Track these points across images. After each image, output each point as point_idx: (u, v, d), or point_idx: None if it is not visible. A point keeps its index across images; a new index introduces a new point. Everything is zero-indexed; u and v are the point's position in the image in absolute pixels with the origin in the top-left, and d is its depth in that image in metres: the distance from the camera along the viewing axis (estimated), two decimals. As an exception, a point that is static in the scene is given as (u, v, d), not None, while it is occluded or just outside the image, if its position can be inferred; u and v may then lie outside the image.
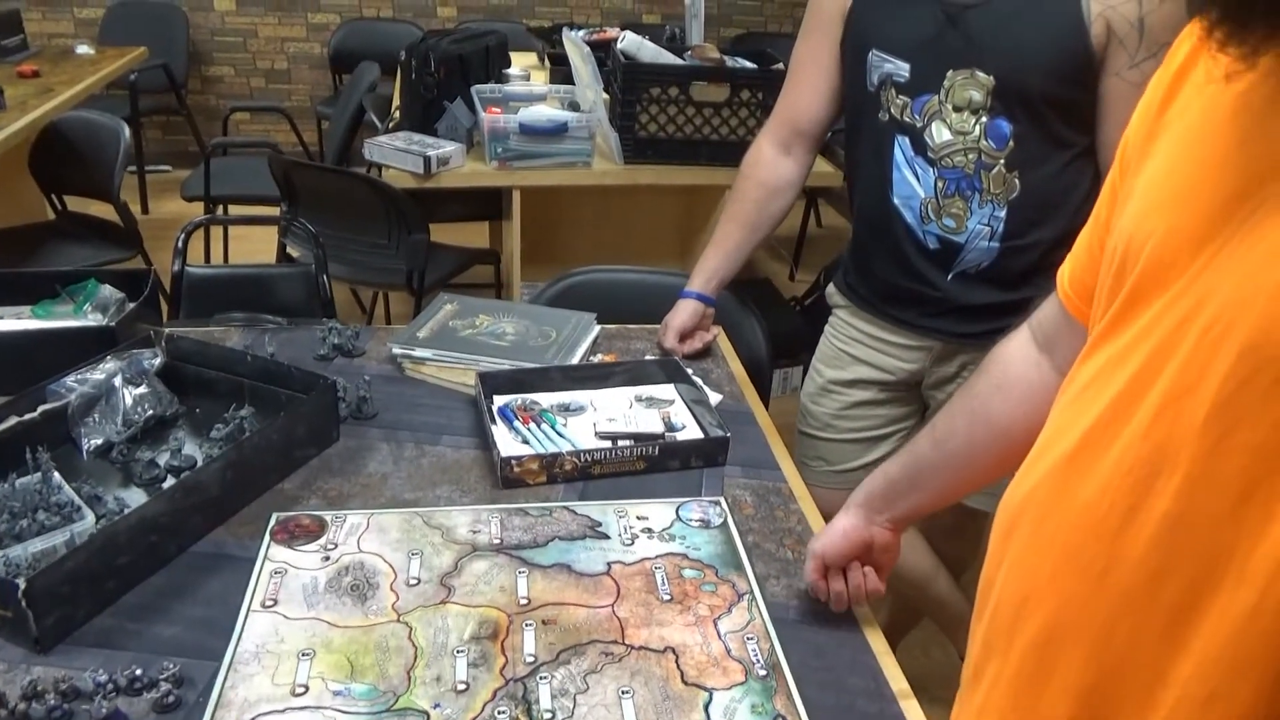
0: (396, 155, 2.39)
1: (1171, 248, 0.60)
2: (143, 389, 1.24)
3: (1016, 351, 0.90)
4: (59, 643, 0.90)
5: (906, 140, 1.33)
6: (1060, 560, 0.65)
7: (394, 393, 1.38)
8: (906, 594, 1.74)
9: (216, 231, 3.53)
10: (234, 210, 3.23)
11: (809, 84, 1.47)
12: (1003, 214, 1.31)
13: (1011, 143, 1.27)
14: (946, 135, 1.30)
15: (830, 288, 1.59)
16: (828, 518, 1.18)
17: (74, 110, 2.97)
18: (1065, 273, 0.82)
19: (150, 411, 1.23)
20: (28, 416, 1.15)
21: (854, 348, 1.53)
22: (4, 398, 1.16)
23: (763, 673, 0.92)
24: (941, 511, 1.11)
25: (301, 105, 4.77)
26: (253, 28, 4.72)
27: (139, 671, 0.86)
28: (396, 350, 1.43)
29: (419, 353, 1.43)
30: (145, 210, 4.21)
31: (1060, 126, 1.25)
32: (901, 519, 1.01)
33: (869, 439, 1.55)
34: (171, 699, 0.84)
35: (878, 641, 0.99)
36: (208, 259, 3.37)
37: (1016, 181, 1.29)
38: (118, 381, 1.22)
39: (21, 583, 0.85)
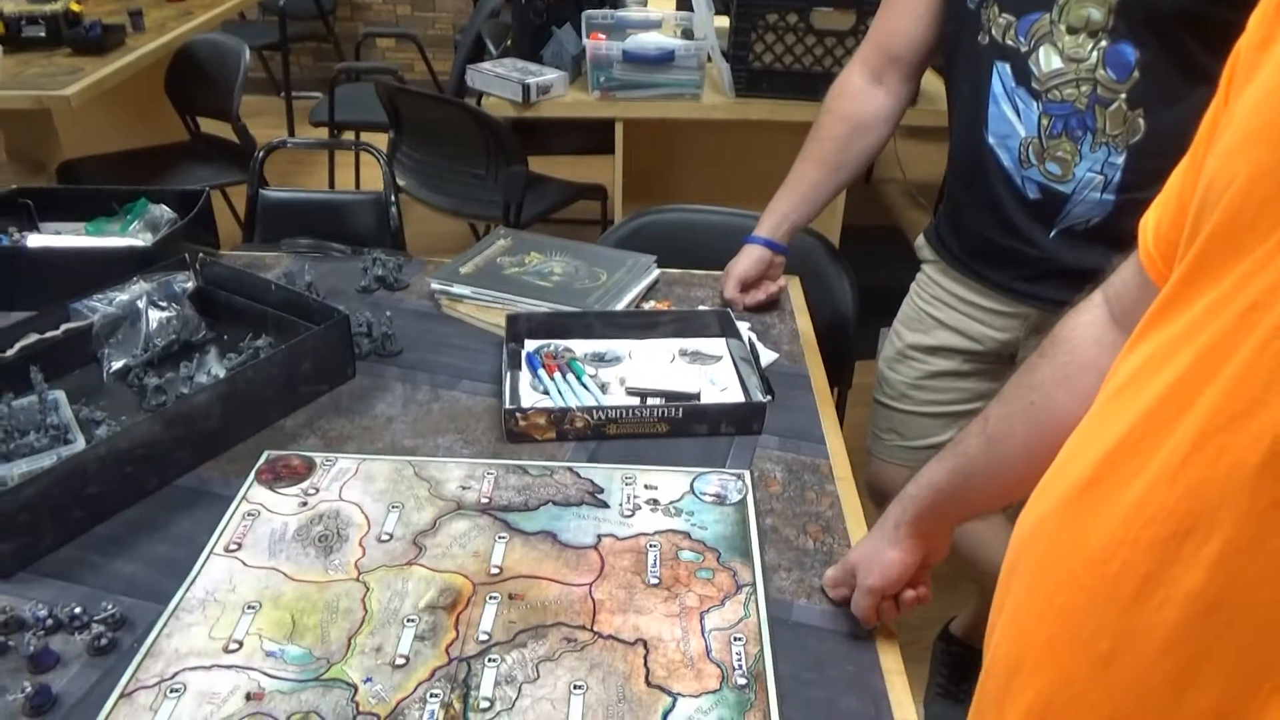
0: (496, 83, 2.30)
1: (1254, 201, 0.43)
2: (169, 312, 1.22)
3: (1088, 330, 0.71)
4: (21, 570, 0.89)
5: (1007, 68, 1.12)
6: (1059, 625, 0.49)
7: (425, 330, 1.31)
8: (993, 586, 1.56)
9: (346, 159, 3.58)
10: (351, 137, 3.26)
11: (905, 1, 1.27)
12: (1120, 160, 1.09)
13: (1136, 73, 1.04)
14: (1056, 63, 1.08)
15: (920, 239, 1.40)
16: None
17: (216, 33, 3.05)
18: (1149, 224, 0.63)
19: (174, 336, 1.21)
20: (49, 334, 1.14)
21: (939, 310, 1.34)
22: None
23: (742, 681, 0.80)
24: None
25: (444, 34, 4.77)
26: (400, -47, 4.75)
27: (79, 609, 0.82)
28: (435, 285, 1.36)
29: (456, 289, 1.35)
30: (291, 134, 4.33)
31: (1199, 53, 1.01)
32: (952, 526, 0.86)
33: (949, 414, 1.37)
34: (105, 641, 0.80)
35: (890, 658, 0.85)
36: (332, 185, 3.43)
37: (1140, 121, 1.06)
38: (142, 303, 1.20)
39: (-27, 507, 0.83)
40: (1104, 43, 1.05)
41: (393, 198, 1.80)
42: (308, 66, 4.86)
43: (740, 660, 0.82)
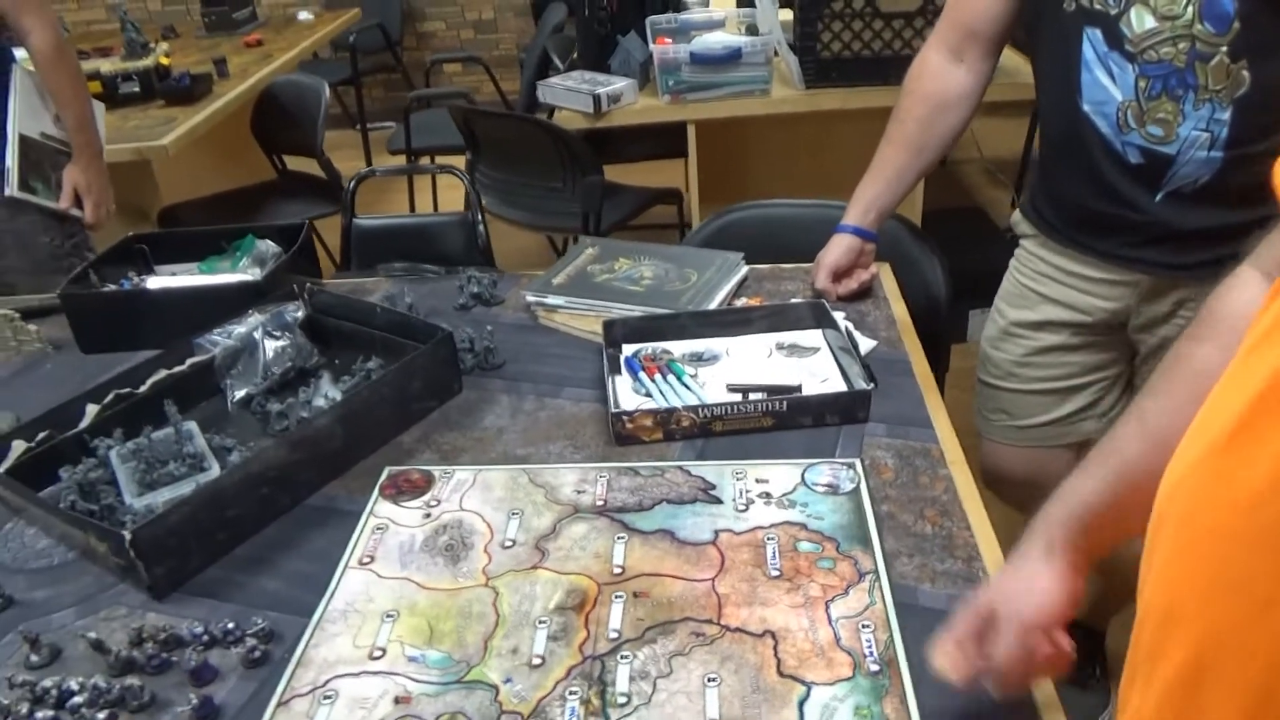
0: (567, 95, 2.34)
1: None
2: (283, 341, 1.27)
3: (1250, 306, 0.67)
4: (173, 591, 0.94)
5: (1098, 33, 1.10)
6: (1214, 573, 0.48)
7: (524, 342, 1.34)
8: (1118, 566, 1.51)
9: (422, 183, 3.68)
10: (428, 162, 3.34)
11: (982, -24, 1.25)
12: (1226, 115, 1.05)
13: (1236, 24, 1.01)
14: (1150, 21, 1.06)
15: (1016, 214, 1.38)
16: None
17: (296, 74, 3.17)
18: None
19: (290, 363, 1.27)
20: (176, 370, 1.20)
21: (1043, 284, 1.32)
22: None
23: (875, 668, 0.80)
24: None
25: (508, 54, 4.86)
26: (461, -20, 4.85)
27: (232, 625, 0.87)
28: (529, 298, 1.39)
29: (550, 300, 1.37)
30: (369, 164, 4.47)
31: (1303, -3, 0.97)
32: (1109, 548, 0.74)
33: (1061, 390, 1.34)
34: (258, 654, 0.84)
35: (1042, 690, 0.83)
36: (412, 210, 3.52)
37: (1245, 73, 1.03)
38: (258, 334, 1.26)
39: (127, 534, 0.89)
40: (1200, -3, 1.02)
41: (479, 216, 1.84)
42: (379, 98, 5.00)
43: (871, 647, 0.82)
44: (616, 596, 0.89)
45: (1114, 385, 1.36)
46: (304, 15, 3.84)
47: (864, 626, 0.84)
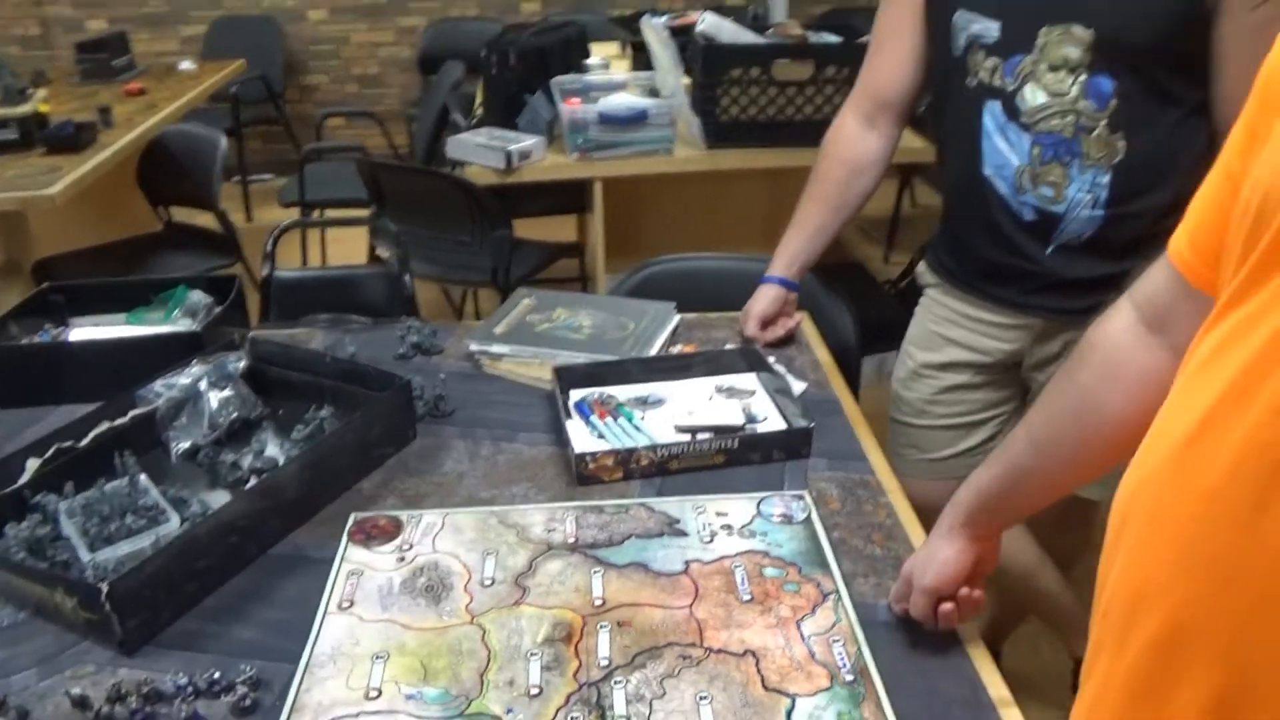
0: (477, 151, 2.39)
1: None
2: (227, 392, 1.26)
3: (1123, 335, 0.80)
4: (144, 645, 0.92)
5: (997, 105, 1.25)
6: (1181, 553, 0.57)
7: (471, 390, 1.37)
8: (1011, 589, 1.65)
9: (313, 235, 3.63)
10: (329, 214, 3.31)
11: (892, 51, 1.39)
12: (1106, 179, 1.21)
13: (1114, 102, 1.17)
14: (1041, 98, 1.21)
15: (921, 266, 1.51)
16: (920, 510, 1.12)
17: (178, 124, 3.10)
18: (1183, 236, 0.73)
19: (235, 414, 1.25)
20: (118, 421, 1.18)
21: (948, 329, 1.45)
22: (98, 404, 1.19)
23: (849, 678, 0.87)
24: None
25: (393, 109, 4.87)
26: (344, 35, 4.84)
27: (217, 674, 0.86)
28: (473, 347, 1.42)
29: (495, 349, 1.41)
30: (249, 218, 4.36)
31: (1169, 81, 1.14)
32: (1002, 527, 0.94)
33: (965, 425, 1.47)
34: (249, 702, 0.84)
35: (974, 645, 0.92)
36: (305, 262, 3.47)
37: (1121, 144, 1.19)
38: (203, 385, 1.24)
39: (105, 587, 0.87)
40: (1083, 77, 1.18)
41: (408, 269, 1.86)
42: (258, 149, 4.89)
43: (843, 659, 0.89)
44: (601, 626, 0.93)
45: (1011, 420, 1.50)
46: (186, 65, 3.75)
47: (834, 641, 0.91)
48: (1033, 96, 1.21)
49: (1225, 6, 1.08)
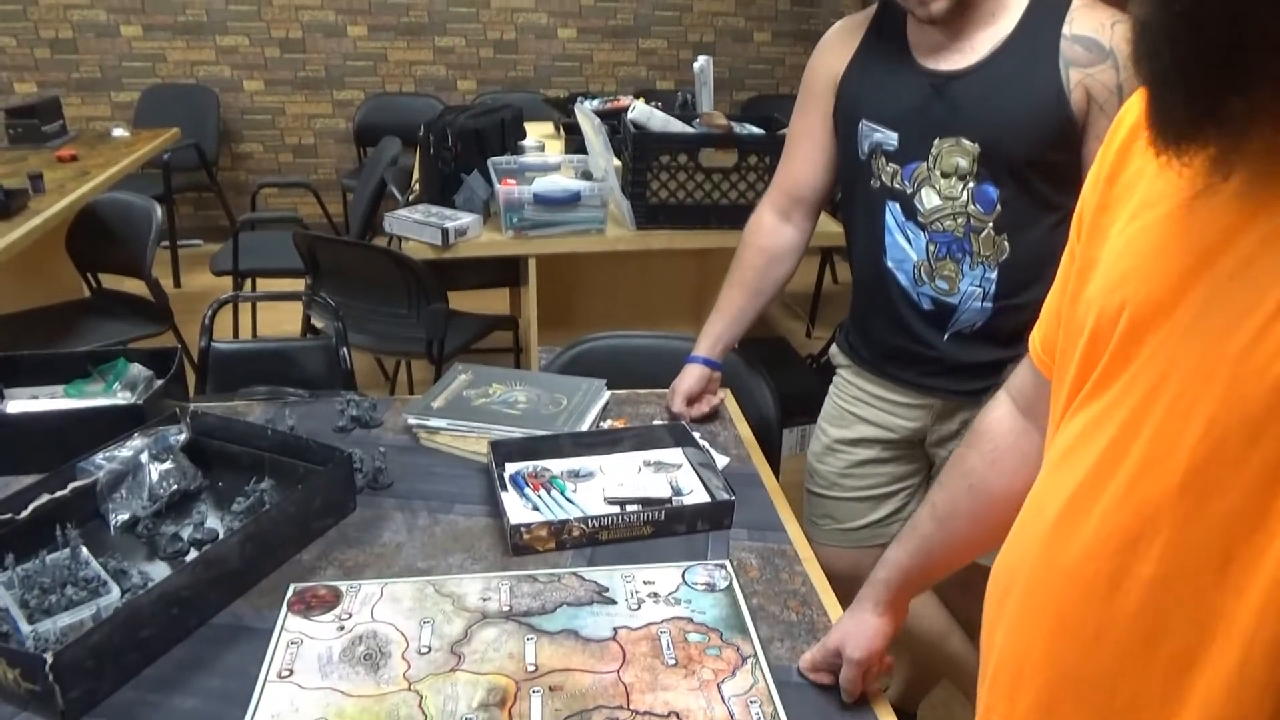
0: (415, 227, 2.46)
1: (1138, 320, 0.63)
2: (168, 464, 1.29)
3: (1002, 422, 0.92)
4: (84, 715, 0.94)
5: (897, 206, 1.38)
6: (1054, 624, 0.67)
7: (409, 462, 1.42)
8: (924, 655, 1.74)
9: (246, 304, 3.63)
10: (261, 283, 3.33)
11: (805, 154, 1.52)
12: (994, 275, 1.34)
13: (999, 206, 1.31)
14: (936, 200, 1.34)
15: (833, 348, 1.63)
16: (833, 577, 1.21)
17: (110, 189, 3.10)
18: (1037, 338, 0.86)
19: (175, 486, 1.28)
20: (59, 494, 1.20)
21: (857, 407, 1.56)
22: (39, 476, 1.21)
23: (765, 736, 0.94)
24: None
25: (328, 179, 4.92)
26: (280, 106, 4.90)
27: (159, 743, 0.89)
28: (411, 420, 1.48)
29: (433, 422, 1.47)
30: (178, 284, 4.33)
31: (1046, 189, 1.29)
32: (914, 595, 1.04)
33: (875, 496, 1.57)
34: (190, 769, 0.87)
35: (879, 704, 1.00)
36: (236, 332, 3.47)
37: (1006, 244, 1.33)
38: (144, 458, 1.27)
39: (49, 657, 0.89)
40: (971, 184, 1.32)
41: (345, 342, 1.91)
42: (188, 215, 4.89)
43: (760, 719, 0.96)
44: (534, 691, 0.98)
45: (916, 492, 1.61)
46: (119, 132, 3.75)
47: (751, 702, 0.98)
48: (928, 199, 1.35)
49: (1090, 129, 1.23)
